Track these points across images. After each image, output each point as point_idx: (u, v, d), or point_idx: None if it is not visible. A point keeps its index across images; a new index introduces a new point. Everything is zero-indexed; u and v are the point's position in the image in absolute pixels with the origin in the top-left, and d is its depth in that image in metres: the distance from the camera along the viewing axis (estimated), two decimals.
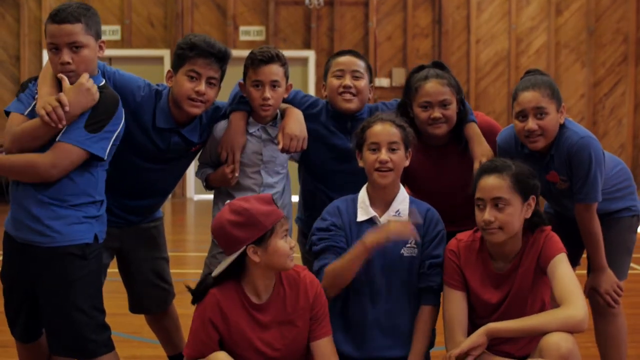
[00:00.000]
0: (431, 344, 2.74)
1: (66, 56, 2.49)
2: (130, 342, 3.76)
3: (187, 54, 2.71)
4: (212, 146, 2.90)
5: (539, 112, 2.76)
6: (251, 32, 11.30)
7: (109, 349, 2.55)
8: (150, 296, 3.04)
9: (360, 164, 2.68)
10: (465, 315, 2.57)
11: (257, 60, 2.81)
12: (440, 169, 3.02)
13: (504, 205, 2.45)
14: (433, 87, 2.88)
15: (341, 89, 2.96)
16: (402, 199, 2.68)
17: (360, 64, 3.00)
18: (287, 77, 2.88)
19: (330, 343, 2.51)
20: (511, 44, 11.33)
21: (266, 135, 2.90)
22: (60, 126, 2.42)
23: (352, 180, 2.79)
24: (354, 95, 2.96)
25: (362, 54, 3.18)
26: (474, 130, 2.96)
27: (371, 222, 2.65)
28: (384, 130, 2.61)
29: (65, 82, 2.48)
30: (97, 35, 2.57)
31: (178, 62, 2.74)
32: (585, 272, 3.06)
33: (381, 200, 2.66)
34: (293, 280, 2.51)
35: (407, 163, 2.68)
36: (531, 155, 2.85)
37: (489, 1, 11.48)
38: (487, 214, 2.45)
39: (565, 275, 2.44)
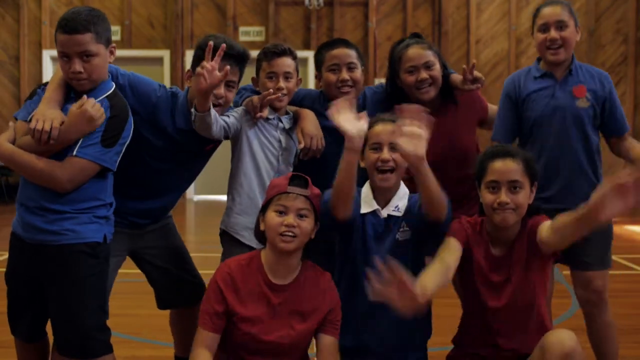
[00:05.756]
0: (429, 344, 2.74)
1: (77, 65, 2.49)
2: (130, 342, 3.76)
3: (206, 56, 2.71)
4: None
5: (560, 25, 3.01)
6: (251, 33, 11.31)
7: (109, 350, 2.56)
8: (176, 290, 3.03)
9: (362, 164, 2.69)
10: (454, 257, 2.52)
11: (271, 53, 2.94)
12: (435, 133, 3.05)
13: (519, 188, 2.50)
14: (415, 51, 3.05)
15: (339, 84, 3.05)
16: (402, 194, 2.69)
17: (352, 54, 3.09)
18: (297, 71, 3.01)
19: (335, 344, 2.51)
20: (511, 44, 11.34)
21: (282, 124, 2.97)
22: (42, 145, 2.42)
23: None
24: (351, 86, 3.06)
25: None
26: (456, 76, 3.15)
27: (374, 214, 2.67)
28: (385, 129, 2.62)
29: (78, 103, 2.47)
30: (108, 42, 2.57)
31: (198, 63, 2.73)
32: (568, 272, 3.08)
33: (382, 197, 2.68)
34: (314, 279, 2.51)
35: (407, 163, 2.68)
36: (543, 76, 3.08)
37: (489, 1, 11.49)
38: (503, 196, 2.48)
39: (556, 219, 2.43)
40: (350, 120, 2.45)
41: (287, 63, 2.93)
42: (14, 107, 11.26)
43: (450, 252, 2.51)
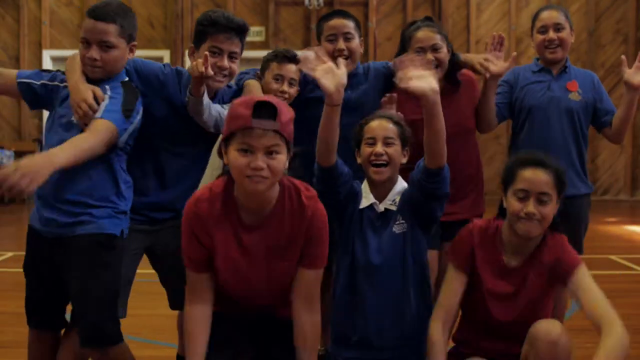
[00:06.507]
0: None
1: (95, 53, 2.56)
2: (130, 342, 3.71)
3: (208, 30, 2.80)
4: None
5: (558, 27, 3.37)
6: (251, 33, 11.23)
7: (121, 339, 2.61)
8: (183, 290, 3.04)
9: (359, 160, 2.72)
10: (457, 299, 2.55)
11: (282, 56, 3.08)
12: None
13: (548, 200, 2.46)
14: (425, 33, 3.20)
15: (336, 53, 3.14)
16: (399, 190, 2.71)
17: (350, 25, 3.20)
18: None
19: (318, 276, 2.37)
20: (511, 44, 11.34)
21: None
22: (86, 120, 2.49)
23: (345, 138, 2.76)
24: (347, 57, 3.15)
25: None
26: (472, 56, 3.33)
27: (371, 208, 2.69)
28: (380, 125, 2.68)
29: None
30: (130, 38, 2.65)
31: (199, 38, 2.82)
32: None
33: (378, 192, 2.71)
34: (294, 202, 2.33)
35: (404, 160, 2.71)
36: (541, 70, 3.41)
37: (489, 2, 11.50)
38: (531, 207, 2.44)
39: (596, 292, 2.43)
40: (328, 75, 2.47)
41: (294, 70, 3.07)
42: (14, 107, 11.27)
43: (452, 292, 2.56)
